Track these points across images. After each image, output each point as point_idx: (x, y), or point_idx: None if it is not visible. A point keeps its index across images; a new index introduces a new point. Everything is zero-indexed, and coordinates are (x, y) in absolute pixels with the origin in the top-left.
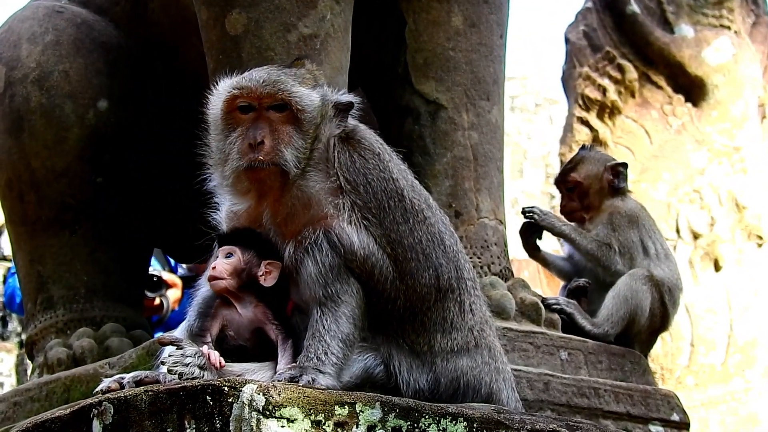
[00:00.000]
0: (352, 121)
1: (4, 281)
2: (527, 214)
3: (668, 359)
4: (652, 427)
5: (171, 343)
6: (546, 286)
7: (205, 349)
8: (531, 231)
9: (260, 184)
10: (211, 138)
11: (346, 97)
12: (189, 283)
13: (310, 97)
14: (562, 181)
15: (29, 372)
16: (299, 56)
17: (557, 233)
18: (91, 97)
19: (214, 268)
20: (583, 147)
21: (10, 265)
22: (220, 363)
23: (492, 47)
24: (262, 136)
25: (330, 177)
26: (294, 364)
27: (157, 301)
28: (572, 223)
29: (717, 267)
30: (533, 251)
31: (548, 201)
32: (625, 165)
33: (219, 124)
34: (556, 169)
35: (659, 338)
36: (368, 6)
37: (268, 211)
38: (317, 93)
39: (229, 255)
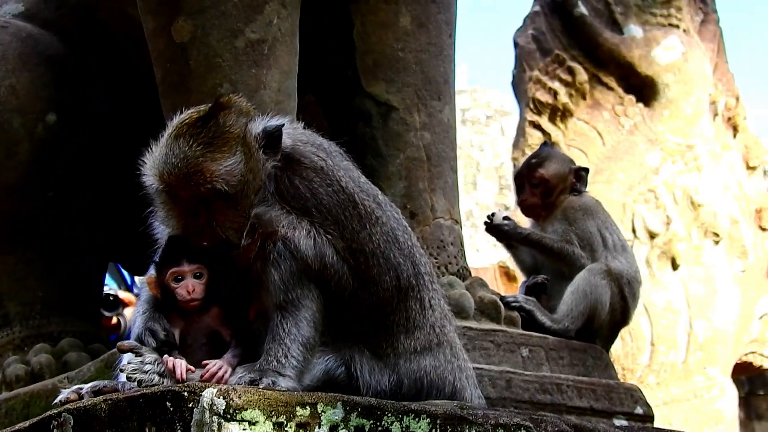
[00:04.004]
0: (288, 139)
1: None
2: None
3: (629, 359)
4: (616, 421)
5: (130, 350)
6: (504, 293)
7: (168, 359)
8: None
9: None
10: (152, 195)
11: (275, 122)
12: None
13: (231, 172)
14: (527, 175)
15: None
16: (215, 101)
17: (520, 240)
18: (40, 110)
19: (193, 290)
20: (545, 143)
21: None
22: (188, 370)
23: (441, 47)
24: (200, 226)
25: (281, 206)
26: (253, 366)
27: (114, 320)
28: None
29: (674, 265)
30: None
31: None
32: (586, 170)
33: (157, 194)
34: (509, 180)
35: (619, 338)
36: (315, 9)
37: None
38: (238, 153)
39: (198, 274)
